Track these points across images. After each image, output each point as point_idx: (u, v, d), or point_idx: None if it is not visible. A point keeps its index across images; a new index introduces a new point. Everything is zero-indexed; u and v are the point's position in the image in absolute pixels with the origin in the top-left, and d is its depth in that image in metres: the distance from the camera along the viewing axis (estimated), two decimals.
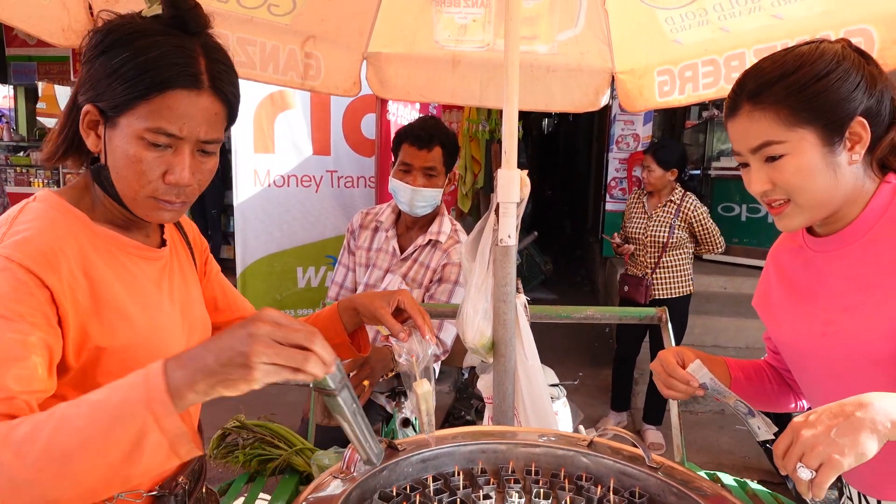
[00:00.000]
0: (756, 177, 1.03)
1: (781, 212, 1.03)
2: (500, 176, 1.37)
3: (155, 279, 1.00)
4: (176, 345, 0.99)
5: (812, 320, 1.09)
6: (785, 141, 0.98)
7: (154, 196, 0.91)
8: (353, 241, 2.27)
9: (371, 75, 2.53)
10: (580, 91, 2.52)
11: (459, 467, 1.15)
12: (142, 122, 0.86)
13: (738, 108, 1.03)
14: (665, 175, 3.64)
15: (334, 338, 1.22)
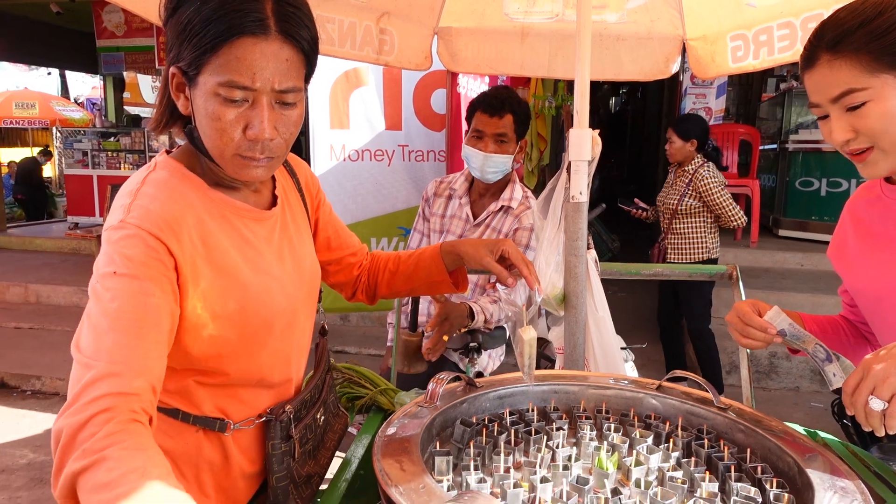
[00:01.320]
0: (837, 126, 1.03)
1: (865, 159, 1.04)
2: (572, 135, 1.43)
3: (265, 238, 1.02)
4: (285, 304, 1.04)
5: (890, 265, 1.10)
6: (867, 87, 0.98)
7: (238, 153, 0.89)
8: (427, 209, 2.37)
9: (442, 49, 2.62)
10: (650, 59, 2.52)
11: (534, 404, 1.23)
12: (215, 77, 0.83)
13: (816, 59, 1.03)
14: (685, 146, 3.76)
15: (436, 276, 1.30)
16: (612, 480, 0.98)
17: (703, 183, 3.68)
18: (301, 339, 1.13)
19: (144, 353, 0.79)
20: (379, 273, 1.35)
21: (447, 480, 0.97)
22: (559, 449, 1.06)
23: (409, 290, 1.37)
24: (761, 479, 0.96)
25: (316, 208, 1.23)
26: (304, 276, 1.11)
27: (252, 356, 1.01)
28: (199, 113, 0.88)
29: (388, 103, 3.43)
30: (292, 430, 1.06)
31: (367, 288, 1.36)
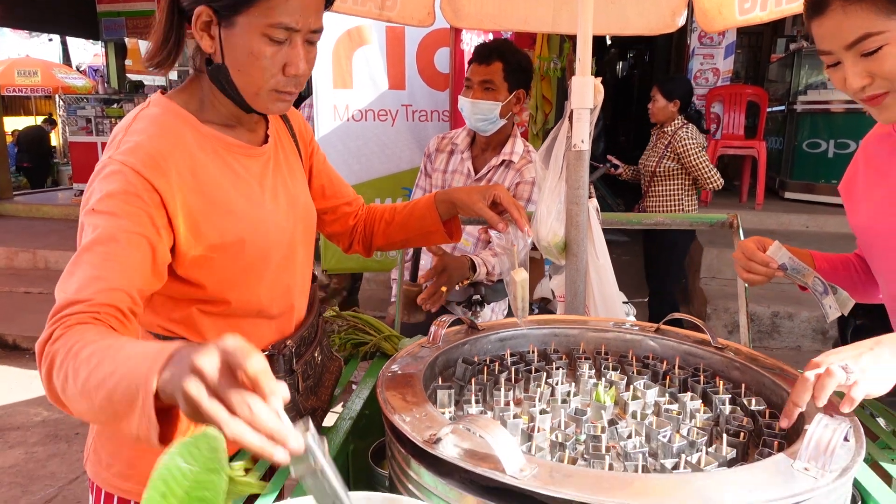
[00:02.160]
0: (853, 72, 1.01)
1: (881, 102, 1.03)
2: (574, 82, 1.43)
3: (258, 175, 1.06)
4: (280, 237, 1.08)
5: (888, 200, 1.12)
6: (885, 31, 0.97)
7: (276, 89, 0.97)
8: (429, 165, 2.37)
9: (445, 4, 2.58)
10: (656, 12, 2.48)
11: (534, 346, 1.26)
12: (263, 18, 0.91)
13: (827, 5, 1.01)
14: (668, 105, 3.76)
15: (430, 225, 1.32)
16: (609, 413, 1.01)
17: (682, 144, 3.68)
18: (301, 274, 1.17)
19: (114, 275, 0.84)
20: (375, 223, 1.37)
21: (449, 413, 1.00)
22: (558, 386, 1.09)
23: (404, 240, 1.39)
24: (755, 411, 0.98)
25: (310, 155, 1.26)
26: (298, 211, 1.14)
27: (251, 286, 1.05)
28: (237, 51, 0.93)
29: (391, 63, 3.40)
30: (294, 364, 1.09)
31: (364, 238, 1.38)
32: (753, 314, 4.11)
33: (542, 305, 2.34)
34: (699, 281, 4.67)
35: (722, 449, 0.87)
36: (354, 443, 1.16)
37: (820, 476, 0.74)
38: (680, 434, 0.91)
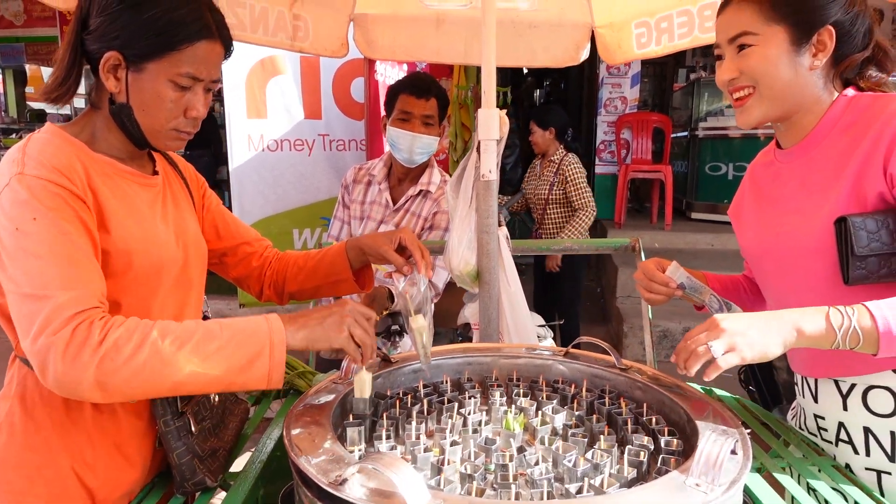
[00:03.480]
0: (726, 66, 1.14)
1: (745, 103, 1.14)
2: (481, 115, 1.47)
3: (149, 201, 1.11)
4: (171, 257, 1.10)
5: (770, 223, 1.20)
6: (759, 34, 1.09)
7: (177, 128, 1.07)
8: (347, 196, 2.36)
9: (358, 36, 2.61)
10: (561, 46, 2.60)
11: (448, 376, 1.26)
12: (173, 68, 1.01)
13: (729, 2, 1.15)
14: (545, 134, 3.93)
15: (340, 273, 1.33)
16: (518, 440, 1.03)
17: (570, 169, 3.84)
18: (195, 307, 1.18)
19: (88, 276, 0.92)
20: (288, 269, 1.37)
21: (359, 450, 0.99)
22: (470, 415, 1.10)
23: (315, 288, 1.38)
24: (655, 429, 1.02)
25: (202, 195, 1.30)
26: (188, 241, 1.17)
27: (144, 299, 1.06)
28: (144, 93, 1.02)
29: (306, 92, 3.38)
30: (180, 405, 1.07)
31: (275, 284, 1.38)
32: (666, 330, 4.29)
33: (464, 332, 2.36)
34: (615, 300, 4.84)
35: (624, 469, 0.90)
36: (265, 487, 1.12)
37: (710, 490, 0.78)
38: (584, 458, 0.93)
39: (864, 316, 0.93)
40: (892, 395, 1.09)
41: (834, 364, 1.15)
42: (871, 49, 1.11)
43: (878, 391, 1.10)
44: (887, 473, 1.10)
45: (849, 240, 1.04)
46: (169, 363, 0.89)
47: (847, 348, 0.95)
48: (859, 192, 1.05)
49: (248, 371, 0.93)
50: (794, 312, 0.96)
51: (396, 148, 2.15)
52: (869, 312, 0.93)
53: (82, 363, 0.85)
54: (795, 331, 0.94)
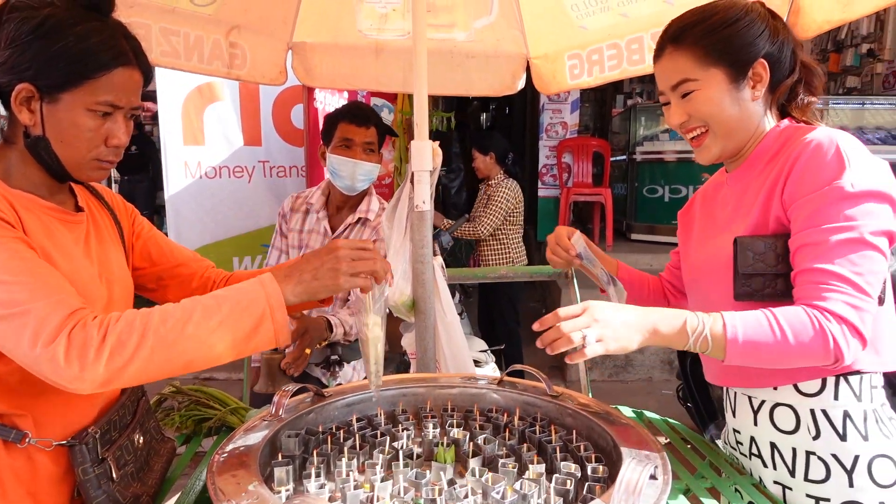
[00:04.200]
0: (674, 111, 1.19)
1: (701, 143, 1.20)
2: (414, 147, 1.49)
3: (73, 239, 1.08)
4: (96, 295, 1.07)
5: (705, 241, 1.27)
6: (698, 79, 1.14)
7: (98, 158, 1.04)
8: (284, 225, 2.34)
9: (297, 64, 2.60)
10: (497, 76, 2.66)
11: (382, 409, 1.26)
12: (90, 96, 0.99)
13: (662, 51, 1.19)
14: (485, 159, 4.06)
15: None
16: (449, 472, 1.03)
17: (498, 191, 3.95)
18: None
19: (57, 282, 0.92)
20: None
21: (286, 490, 0.97)
22: (402, 449, 1.10)
23: None
24: (583, 456, 1.05)
25: (132, 223, 1.28)
26: (113, 279, 1.14)
27: None
28: (61, 125, 1.00)
29: (245, 118, 3.34)
30: (102, 451, 1.03)
31: None
32: None
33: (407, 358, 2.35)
34: None
35: (551, 499, 0.92)
36: None
37: None
38: (513, 488, 0.94)
39: (718, 323, 1.01)
40: (793, 412, 1.15)
41: (740, 376, 1.21)
42: (799, 71, 1.19)
43: (783, 408, 1.16)
44: (789, 488, 1.16)
45: (735, 259, 1.13)
46: (175, 347, 0.90)
47: (698, 351, 1.03)
48: (765, 217, 1.12)
49: (254, 338, 0.95)
50: (657, 312, 1.04)
51: (338, 175, 2.15)
52: (723, 321, 1.01)
53: (88, 364, 0.86)
54: (653, 329, 1.02)
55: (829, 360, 1.01)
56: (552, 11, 2.44)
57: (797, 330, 0.99)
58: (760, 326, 1.00)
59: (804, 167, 1.07)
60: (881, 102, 6.09)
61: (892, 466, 1.09)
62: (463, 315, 3.43)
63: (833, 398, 1.12)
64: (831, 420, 1.11)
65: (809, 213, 1.05)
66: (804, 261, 1.05)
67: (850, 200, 1.02)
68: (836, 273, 1.01)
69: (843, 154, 1.04)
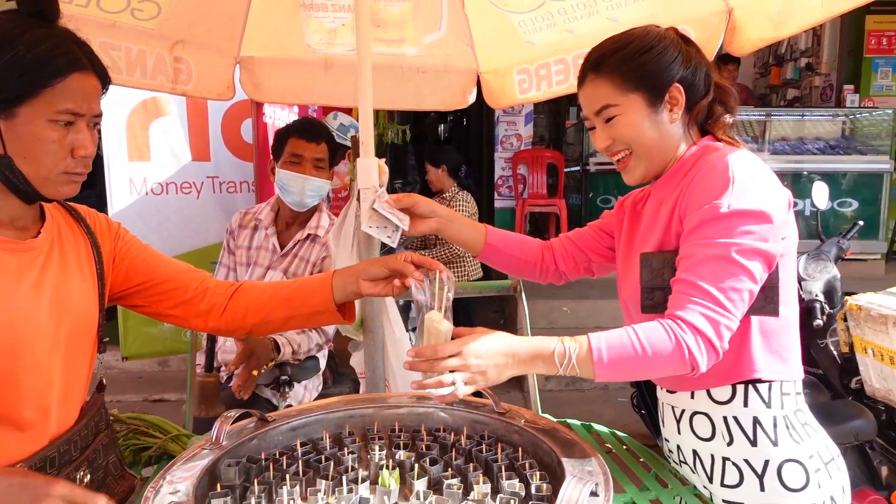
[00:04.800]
0: (599, 135, 1.23)
1: (627, 164, 1.23)
2: (359, 164, 1.48)
3: (17, 269, 1.03)
4: (36, 333, 1.01)
5: (629, 250, 1.30)
6: (619, 104, 1.18)
7: (66, 171, 1.01)
8: (232, 241, 2.30)
9: (245, 79, 2.56)
10: (448, 90, 2.68)
11: (328, 432, 1.24)
12: (48, 106, 0.96)
13: (584, 78, 1.23)
14: (438, 172, 4.07)
15: (320, 304, 1.27)
16: (394, 496, 1.02)
17: (458, 207, 3.98)
18: (63, 380, 1.08)
19: None
20: (250, 299, 1.30)
21: None
22: (347, 473, 1.08)
23: (286, 318, 1.31)
24: (527, 474, 1.05)
25: (115, 244, 1.23)
26: (66, 312, 1.08)
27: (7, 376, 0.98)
28: (22, 140, 0.96)
29: (193, 133, 3.27)
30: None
31: (229, 317, 1.29)
32: None
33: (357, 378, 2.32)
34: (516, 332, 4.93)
35: None
36: None
37: None
38: None
39: (584, 348, 1.05)
40: (709, 420, 1.20)
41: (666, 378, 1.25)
42: (714, 91, 1.24)
43: (700, 416, 1.21)
44: (710, 494, 1.21)
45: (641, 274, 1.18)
46: None
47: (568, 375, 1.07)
48: (668, 233, 1.18)
49: None
50: (527, 344, 1.07)
51: (287, 191, 2.13)
52: (588, 345, 1.05)
53: None
54: (525, 364, 1.07)
55: (686, 370, 1.06)
56: (500, 27, 2.47)
57: (656, 343, 1.05)
58: (623, 345, 1.05)
59: (696, 185, 1.13)
60: (819, 114, 6.36)
61: (801, 471, 1.14)
62: None
63: (743, 405, 1.17)
64: (742, 426, 1.17)
65: (690, 229, 1.12)
66: (678, 272, 1.12)
67: (724, 220, 1.08)
68: (699, 286, 1.07)
69: (729, 175, 1.10)
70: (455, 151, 4.24)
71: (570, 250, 1.47)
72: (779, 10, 1.84)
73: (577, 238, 1.47)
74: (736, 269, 1.07)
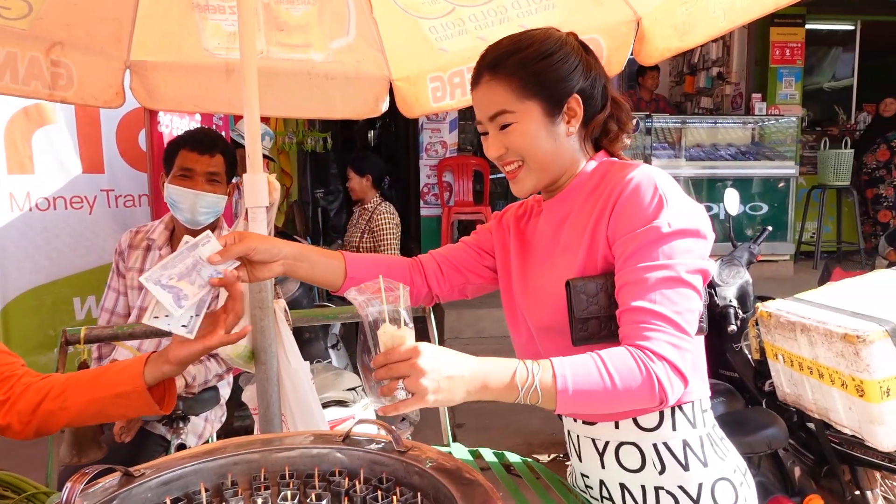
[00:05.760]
0: (493, 143, 1.13)
1: (516, 176, 1.14)
2: (246, 181, 1.35)
3: None
4: None
5: (527, 271, 1.21)
6: (515, 111, 1.09)
7: None
8: (122, 263, 2.10)
9: (136, 85, 2.37)
10: (360, 98, 2.57)
11: (207, 484, 1.10)
12: None
13: (479, 79, 1.13)
14: (361, 181, 3.98)
15: (126, 382, 1.11)
16: None
17: (380, 218, 3.89)
18: None
19: None
20: (50, 389, 1.11)
21: None
22: None
23: (86, 403, 1.13)
24: None
25: None
26: None
27: None
28: None
29: (84, 143, 3.01)
30: None
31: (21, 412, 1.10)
32: None
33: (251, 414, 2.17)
34: (444, 343, 4.87)
35: None
36: None
37: None
38: None
39: (547, 373, 0.95)
40: (638, 450, 1.13)
41: None
42: (610, 106, 1.18)
43: (627, 447, 1.14)
44: None
45: (570, 303, 1.08)
46: None
47: (529, 403, 0.96)
48: (593, 256, 1.09)
49: None
50: (488, 365, 0.96)
51: (177, 208, 1.95)
52: (552, 370, 0.95)
53: None
54: (482, 385, 0.95)
55: (654, 403, 0.99)
56: (411, 33, 2.38)
57: (625, 375, 0.96)
58: (590, 374, 0.96)
59: (624, 206, 1.06)
60: (730, 121, 6.63)
61: (730, 487, 1.12)
62: (338, 346, 3.28)
63: (672, 429, 1.12)
64: (673, 452, 1.11)
65: (630, 253, 1.04)
66: (626, 299, 1.03)
67: (666, 239, 1.02)
68: (656, 312, 1.00)
69: (661, 194, 1.04)
70: (380, 160, 4.14)
71: (445, 271, 1.33)
72: (683, 21, 1.83)
73: (453, 257, 1.34)
74: (687, 290, 1.02)
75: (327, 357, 3.26)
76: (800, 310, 2.04)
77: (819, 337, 1.90)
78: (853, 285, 2.17)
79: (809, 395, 2.04)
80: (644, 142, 6.17)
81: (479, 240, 1.34)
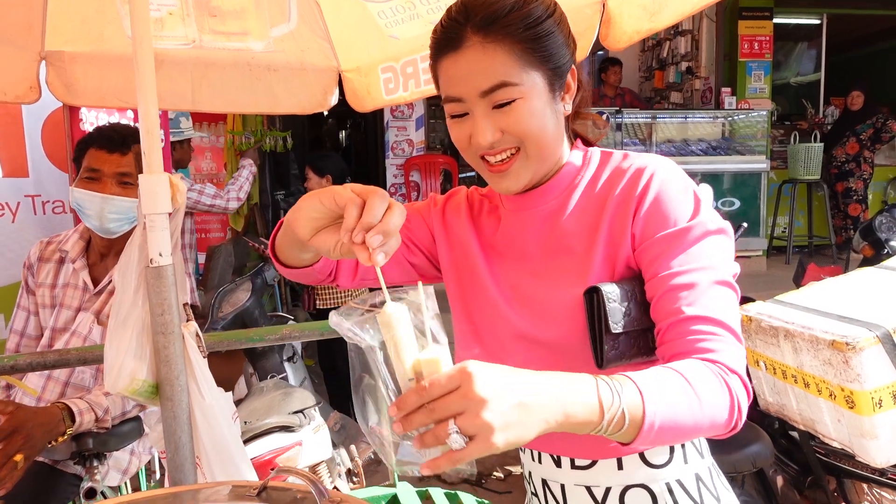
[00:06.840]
0: (483, 126, 0.87)
1: (510, 167, 0.90)
2: (142, 182, 1.13)
3: None
4: None
5: (504, 280, 0.99)
6: (520, 84, 0.86)
7: None
8: (31, 279, 1.86)
9: (53, 78, 2.12)
10: (306, 91, 2.36)
11: None
12: None
13: (463, 41, 0.85)
14: (321, 182, 3.76)
15: None
16: None
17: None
18: None
19: None
20: None
21: None
22: None
23: None
24: None
25: None
26: None
27: None
28: None
29: (5, 144, 2.74)
30: None
31: None
32: None
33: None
34: None
35: None
36: None
37: None
38: None
39: (632, 391, 0.70)
40: (649, 494, 0.93)
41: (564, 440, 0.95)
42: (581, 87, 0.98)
43: (636, 491, 0.94)
44: None
45: (602, 315, 0.85)
46: None
47: (606, 435, 0.70)
48: (609, 261, 0.90)
49: None
50: (564, 385, 0.68)
51: (84, 214, 1.72)
52: (639, 391, 0.70)
53: None
54: (563, 415, 0.66)
55: (726, 429, 0.79)
56: (358, 19, 2.18)
57: (710, 396, 0.75)
58: (678, 393, 0.73)
59: (657, 203, 0.87)
60: (701, 116, 6.55)
61: None
62: (294, 358, 3.06)
63: (683, 462, 0.94)
64: (687, 490, 0.93)
65: (670, 253, 0.85)
66: (673, 305, 0.83)
67: (708, 239, 0.86)
68: (715, 319, 0.82)
69: (694, 189, 0.89)
70: (340, 159, 3.90)
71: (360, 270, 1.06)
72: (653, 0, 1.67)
73: None
74: (734, 295, 0.86)
75: (283, 371, 3.03)
76: (782, 313, 1.89)
77: (804, 343, 1.75)
78: (836, 286, 2.03)
79: (794, 405, 1.89)
80: (614, 138, 6.04)
81: (410, 235, 1.08)
